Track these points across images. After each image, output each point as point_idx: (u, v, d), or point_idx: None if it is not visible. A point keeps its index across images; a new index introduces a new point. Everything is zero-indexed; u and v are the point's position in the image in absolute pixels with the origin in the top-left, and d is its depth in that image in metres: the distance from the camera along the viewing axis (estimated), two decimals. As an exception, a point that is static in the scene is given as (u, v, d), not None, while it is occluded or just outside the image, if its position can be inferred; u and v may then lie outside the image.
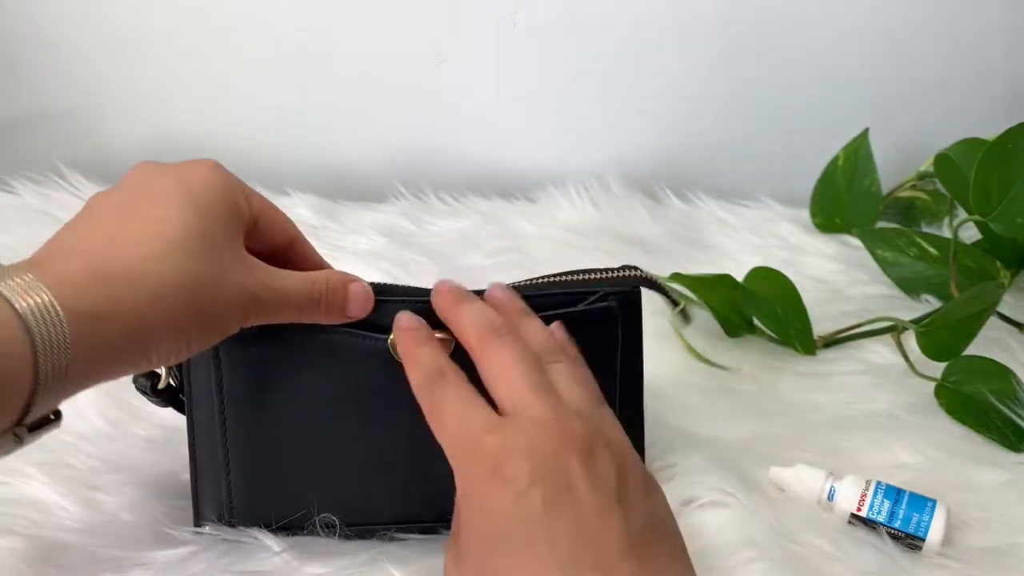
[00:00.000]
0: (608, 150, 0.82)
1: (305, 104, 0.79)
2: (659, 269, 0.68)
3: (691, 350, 0.61)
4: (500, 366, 0.36)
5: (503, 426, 0.33)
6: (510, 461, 0.32)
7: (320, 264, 0.44)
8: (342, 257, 0.69)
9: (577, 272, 0.44)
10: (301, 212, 0.74)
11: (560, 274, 0.44)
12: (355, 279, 0.41)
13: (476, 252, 0.71)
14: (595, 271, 0.44)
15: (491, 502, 0.32)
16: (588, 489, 0.32)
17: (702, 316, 0.64)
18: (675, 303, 0.45)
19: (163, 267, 0.34)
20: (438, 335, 0.39)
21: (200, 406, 0.42)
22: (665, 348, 0.61)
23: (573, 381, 0.36)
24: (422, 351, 0.37)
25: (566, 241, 0.72)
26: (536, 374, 0.35)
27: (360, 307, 0.40)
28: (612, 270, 0.45)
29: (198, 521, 0.44)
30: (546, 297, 0.42)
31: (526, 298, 0.41)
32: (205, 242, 0.35)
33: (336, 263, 0.67)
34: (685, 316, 0.45)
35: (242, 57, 0.76)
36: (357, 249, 0.70)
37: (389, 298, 0.41)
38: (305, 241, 0.44)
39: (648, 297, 0.66)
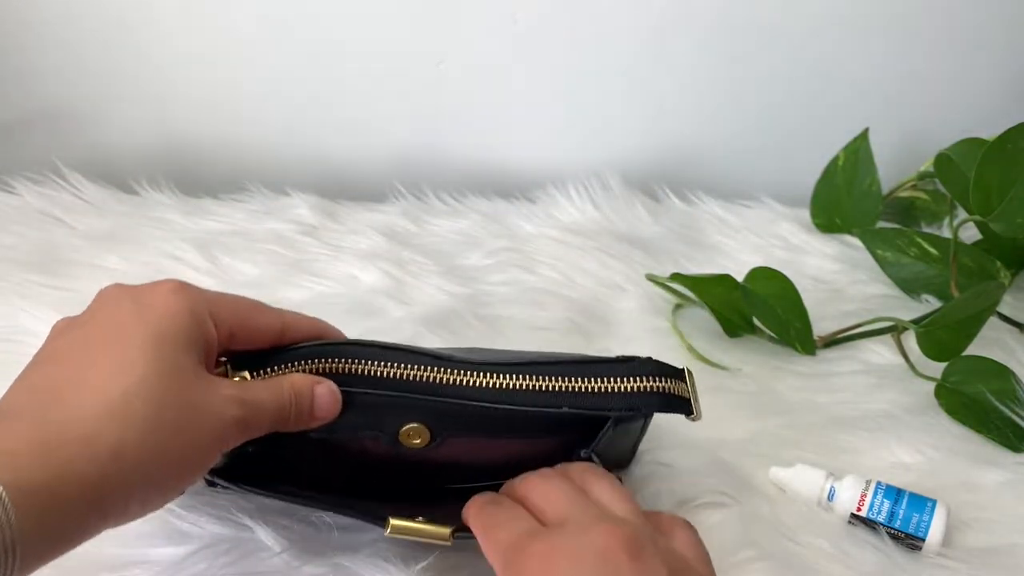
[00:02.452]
0: (608, 150, 0.82)
1: (305, 104, 0.79)
2: (659, 269, 0.68)
3: (691, 350, 0.61)
4: (544, 493, 0.37)
5: (550, 532, 0.34)
6: (557, 562, 0.32)
7: (320, 331, 0.42)
8: (342, 257, 0.69)
9: (590, 372, 0.40)
10: (301, 212, 0.74)
11: (570, 363, 0.41)
12: (320, 381, 0.38)
13: (476, 252, 0.71)
14: (611, 375, 0.41)
15: None
16: None
17: (702, 316, 0.64)
18: (690, 411, 0.42)
19: (121, 422, 0.31)
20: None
21: None
22: (665, 348, 0.61)
23: (615, 497, 0.37)
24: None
25: (566, 241, 0.72)
26: (579, 494, 0.37)
27: (327, 410, 0.38)
28: (630, 371, 0.41)
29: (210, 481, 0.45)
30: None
31: (533, 417, 0.40)
32: (171, 381, 0.33)
33: (336, 263, 0.68)
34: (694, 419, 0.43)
35: (242, 57, 0.76)
36: (357, 249, 0.70)
37: (366, 391, 0.39)
38: (295, 321, 0.41)
39: (646, 292, 0.66)
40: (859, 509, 0.47)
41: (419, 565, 0.42)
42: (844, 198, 0.74)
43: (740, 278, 0.61)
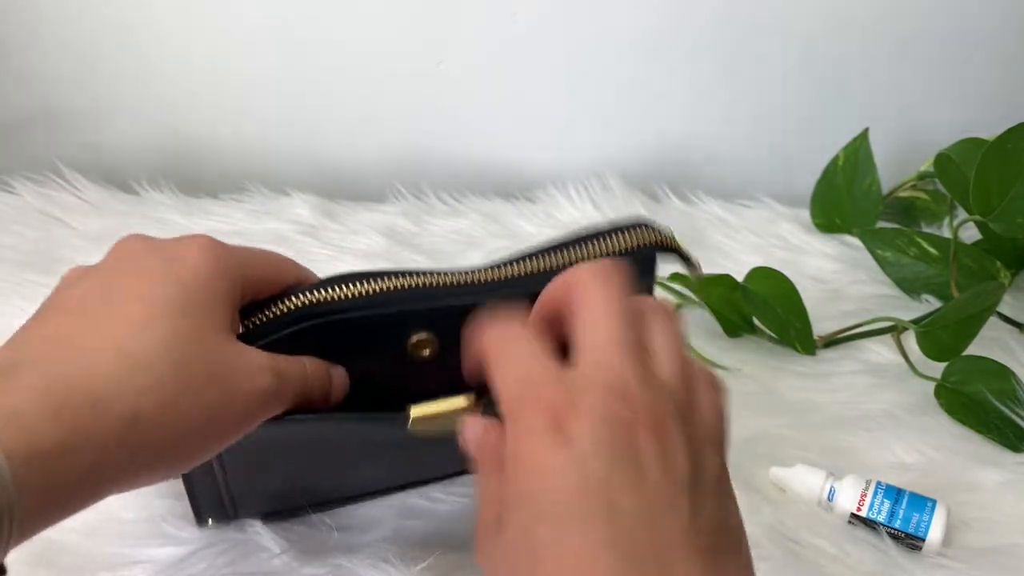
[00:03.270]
0: (608, 150, 0.82)
1: (305, 104, 0.79)
2: (659, 269, 0.68)
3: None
4: (593, 309, 0.30)
5: (573, 380, 0.28)
6: (574, 419, 0.27)
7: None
8: (342, 257, 0.69)
9: (584, 237, 0.41)
10: (301, 212, 0.74)
11: (567, 242, 0.40)
12: (333, 365, 0.37)
13: (476, 252, 0.71)
14: (603, 232, 0.41)
15: (545, 460, 0.27)
16: (658, 472, 0.27)
17: (702, 316, 0.64)
18: (689, 261, 0.43)
19: (140, 385, 0.28)
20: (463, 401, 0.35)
21: None
22: (665, 348, 0.61)
23: (669, 349, 0.30)
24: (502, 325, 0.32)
25: (566, 241, 0.72)
26: (630, 331, 0.30)
27: (340, 392, 0.37)
28: (621, 227, 0.41)
29: (200, 520, 0.44)
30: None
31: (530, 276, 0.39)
32: (200, 347, 0.30)
33: (336, 263, 0.68)
34: (696, 271, 0.43)
35: (243, 57, 0.76)
36: (357, 249, 0.70)
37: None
38: (308, 278, 0.39)
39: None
40: (859, 509, 0.47)
41: (419, 566, 0.43)
42: (844, 198, 0.74)
43: (740, 278, 0.61)
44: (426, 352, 0.39)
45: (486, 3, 0.74)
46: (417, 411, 0.36)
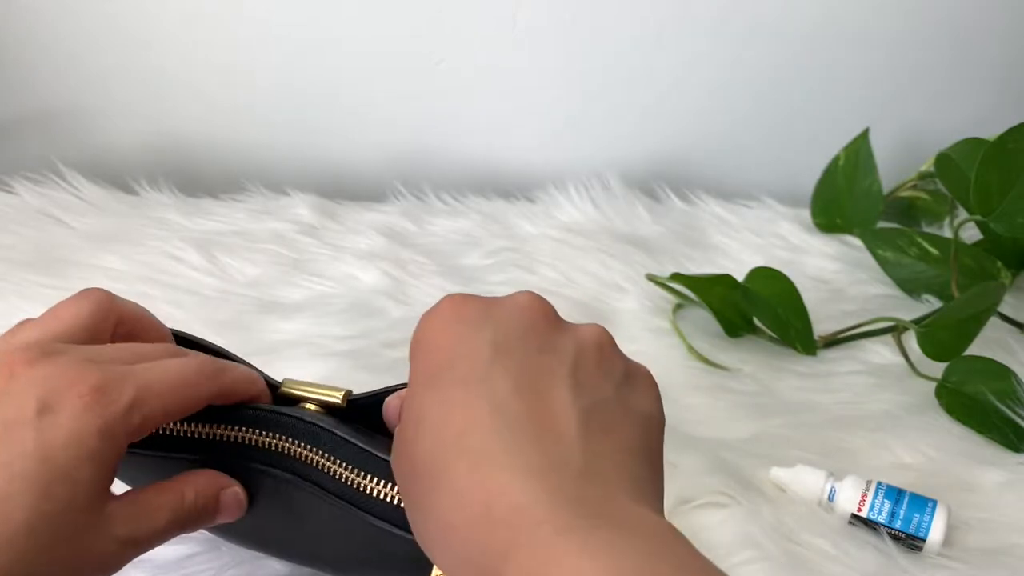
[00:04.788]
0: (608, 150, 0.82)
1: (305, 104, 0.79)
2: (659, 269, 0.68)
3: (691, 350, 0.61)
4: None
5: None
6: (468, 305, 0.31)
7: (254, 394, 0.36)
8: (342, 257, 0.69)
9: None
10: (301, 212, 0.74)
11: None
12: (227, 484, 0.35)
13: (476, 252, 0.71)
14: None
15: (441, 337, 0.30)
16: (540, 349, 0.31)
17: (702, 316, 0.64)
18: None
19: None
20: None
21: None
22: (665, 348, 0.61)
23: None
24: None
25: (566, 241, 0.72)
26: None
27: (232, 515, 0.36)
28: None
29: None
30: None
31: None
32: (53, 533, 0.29)
33: (336, 263, 0.68)
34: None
35: (242, 57, 0.76)
36: (357, 249, 0.70)
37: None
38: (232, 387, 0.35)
39: (646, 292, 0.66)
40: (860, 509, 0.47)
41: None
42: (845, 198, 0.74)
43: (740, 278, 0.61)
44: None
45: (486, 3, 0.74)
46: (291, 384, 0.37)
